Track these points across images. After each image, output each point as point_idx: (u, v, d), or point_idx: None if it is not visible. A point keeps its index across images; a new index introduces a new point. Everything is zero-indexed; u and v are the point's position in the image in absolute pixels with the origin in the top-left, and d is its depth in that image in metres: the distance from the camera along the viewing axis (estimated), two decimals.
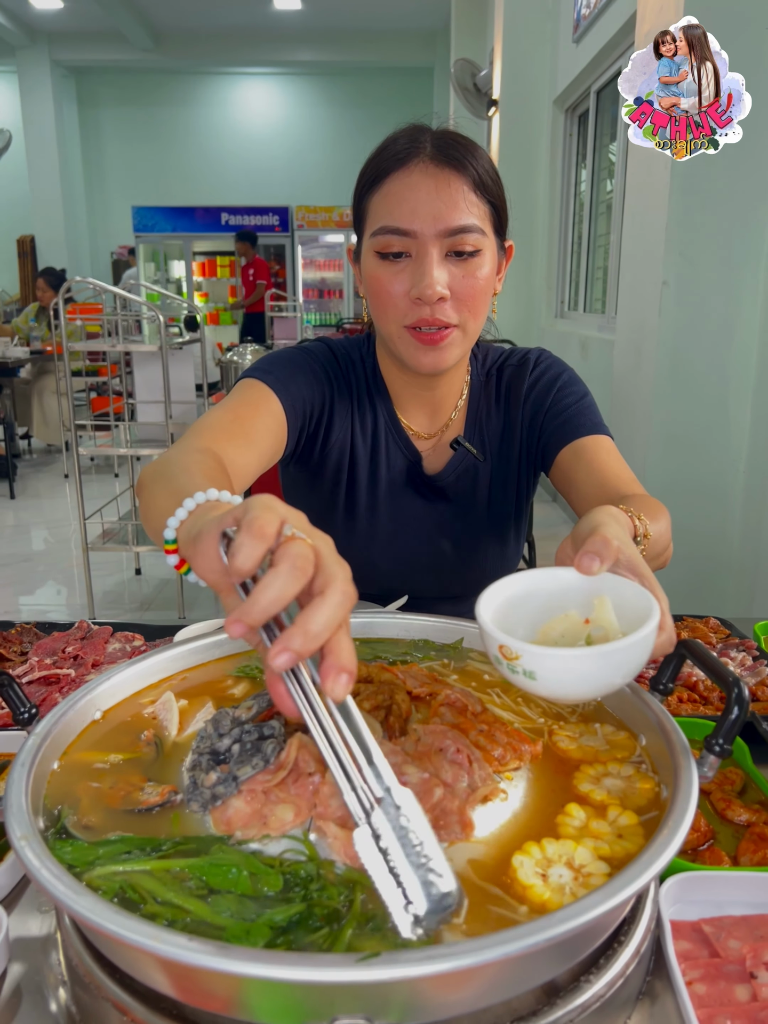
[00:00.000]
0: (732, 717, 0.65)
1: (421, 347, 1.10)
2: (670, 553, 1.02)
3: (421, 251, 1.06)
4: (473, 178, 1.08)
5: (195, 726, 0.76)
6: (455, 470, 1.28)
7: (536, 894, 0.55)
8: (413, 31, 10.83)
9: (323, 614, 0.50)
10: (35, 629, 1.24)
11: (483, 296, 1.11)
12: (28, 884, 0.74)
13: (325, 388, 1.22)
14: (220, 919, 0.53)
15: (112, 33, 10.75)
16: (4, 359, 6.29)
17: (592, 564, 0.66)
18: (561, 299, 6.09)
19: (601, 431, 1.20)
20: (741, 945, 0.64)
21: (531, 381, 1.27)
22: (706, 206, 2.65)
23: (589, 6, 4.69)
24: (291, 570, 0.51)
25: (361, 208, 1.14)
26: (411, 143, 1.09)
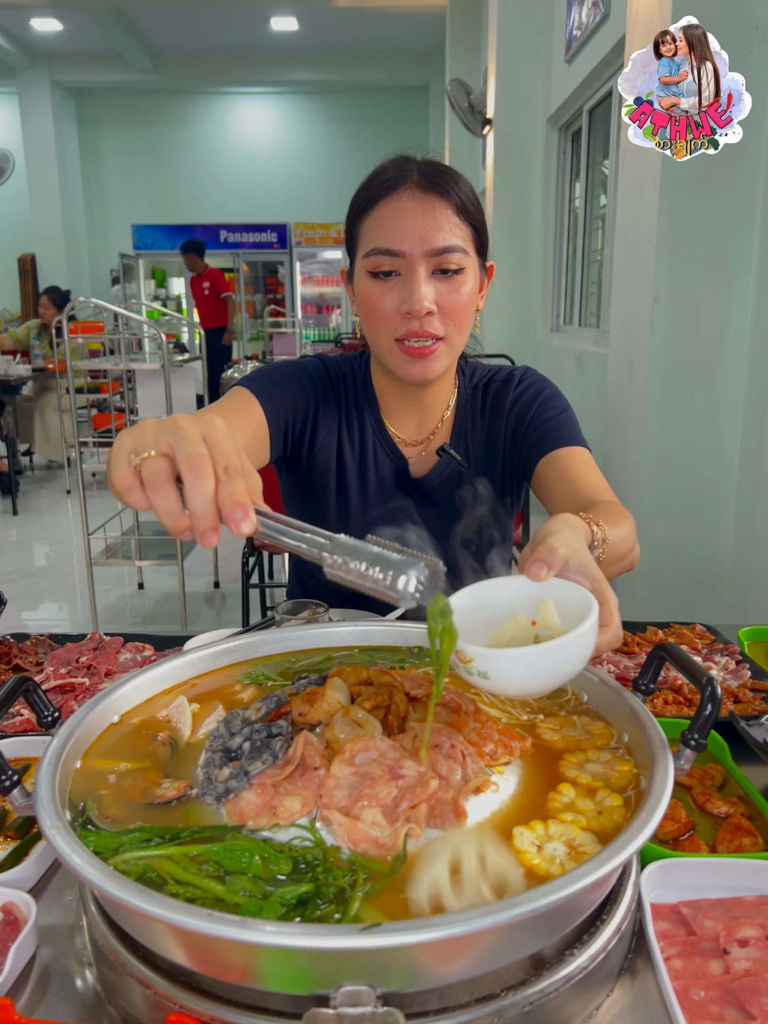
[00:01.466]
0: (706, 713, 0.71)
1: (410, 359, 1.20)
2: (635, 556, 1.10)
3: (410, 270, 1.16)
4: (456, 203, 1.17)
5: (207, 727, 0.82)
6: (440, 475, 1.36)
7: (527, 859, 0.61)
8: (408, 51, 10.99)
9: (193, 496, 0.60)
10: (49, 641, 1.30)
11: (467, 311, 1.20)
12: (52, 876, 0.79)
13: (310, 396, 1.32)
14: (235, 897, 0.58)
15: (111, 55, 10.91)
16: (6, 377, 6.36)
17: (539, 571, 0.72)
18: (556, 313, 6.17)
19: (578, 443, 1.28)
20: (716, 924, 0.69)
21: (515, 395, 1.36)
22: (695, 224, 2.72)
23: (580, 27, 4.79)
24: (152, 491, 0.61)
25: (353, 232, 1.24)
26: (398, 172, 1.18)
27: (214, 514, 0.60)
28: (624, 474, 3.11)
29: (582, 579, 0.75)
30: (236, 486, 0.60)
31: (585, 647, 0.69)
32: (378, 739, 0.71)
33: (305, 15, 9.80)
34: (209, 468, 0.60)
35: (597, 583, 0.75)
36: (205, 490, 0.59)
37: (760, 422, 2.71)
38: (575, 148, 5.66)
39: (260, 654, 0.98)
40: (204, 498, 0.59)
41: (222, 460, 0.62)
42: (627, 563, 1.09)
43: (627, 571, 1.12)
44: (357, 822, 0.64)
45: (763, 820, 0.84)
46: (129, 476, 0.62)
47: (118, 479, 0.62)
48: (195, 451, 0.61)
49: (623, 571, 1.10)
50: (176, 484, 0.61)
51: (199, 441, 0.62)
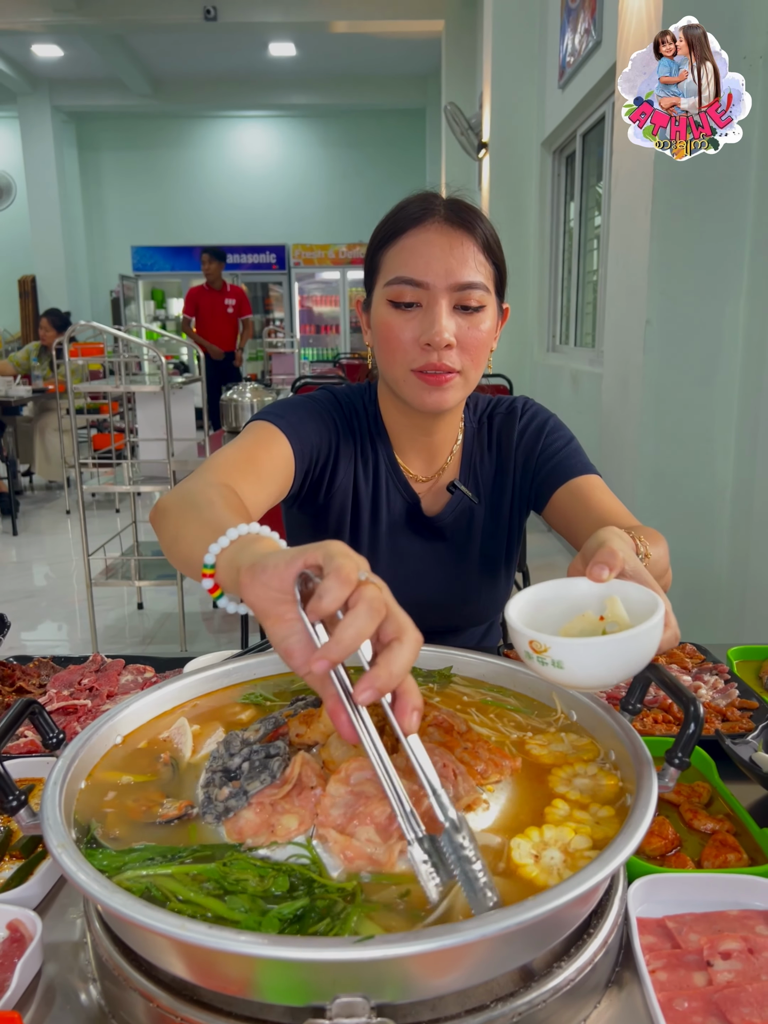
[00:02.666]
0: (689, 732, 0.74)
1: (426, 388, 1.19)
2: (670, 578, 1.13)
3: (432, 301, 1.16)
4: (482, 240, 1.18)
5: (207, 748, 0.84)
6: (452, 512, 1.36)
7: (527, 873, 0.64)
8: (404, 75, 11.15)
9: (403, 657, 0.59)
10: (52, 663, 1.32)
11: (484, 348, 1.21)
12: (56, 894, 0.82)
13: (331, 435, 1.30)
14: (235, 914, 0.60)
15: (111, 80, 11.06)
16: (7, 398, 6.40)
17: (602, 572, 0.76)
18: (552, 333, 6.23)
19: (591, 471, 1.31)
20: (700, 937, 0.71)
21: (520, 428, 1.37)
22: (686, 248, 2.77)
23: (573, 54, 4.87)
24: (369, 612, 0.58)
25: (374, 262, 1.23)
26: (426, 205, 1.19)
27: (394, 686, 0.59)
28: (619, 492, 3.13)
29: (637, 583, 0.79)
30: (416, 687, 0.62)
31: (654, 639, 0.73)
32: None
33: (303, 41, 9.95)
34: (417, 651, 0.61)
35: (652, 586, 0.79)
36: (408, 663, 0.59)
37: (753, 440, 2.75)
38: (569, 171, 5.75)
39: (259, 675, 1.00)
40: (404, 670, 0.59)
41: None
42: (663, 584, 1.11)
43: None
44: (352, 839, 0.66)
45: (748, 836, 0.87)
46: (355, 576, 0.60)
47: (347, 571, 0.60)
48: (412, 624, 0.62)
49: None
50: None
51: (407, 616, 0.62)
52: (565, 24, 5.06)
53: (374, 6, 8.68)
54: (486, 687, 0.95)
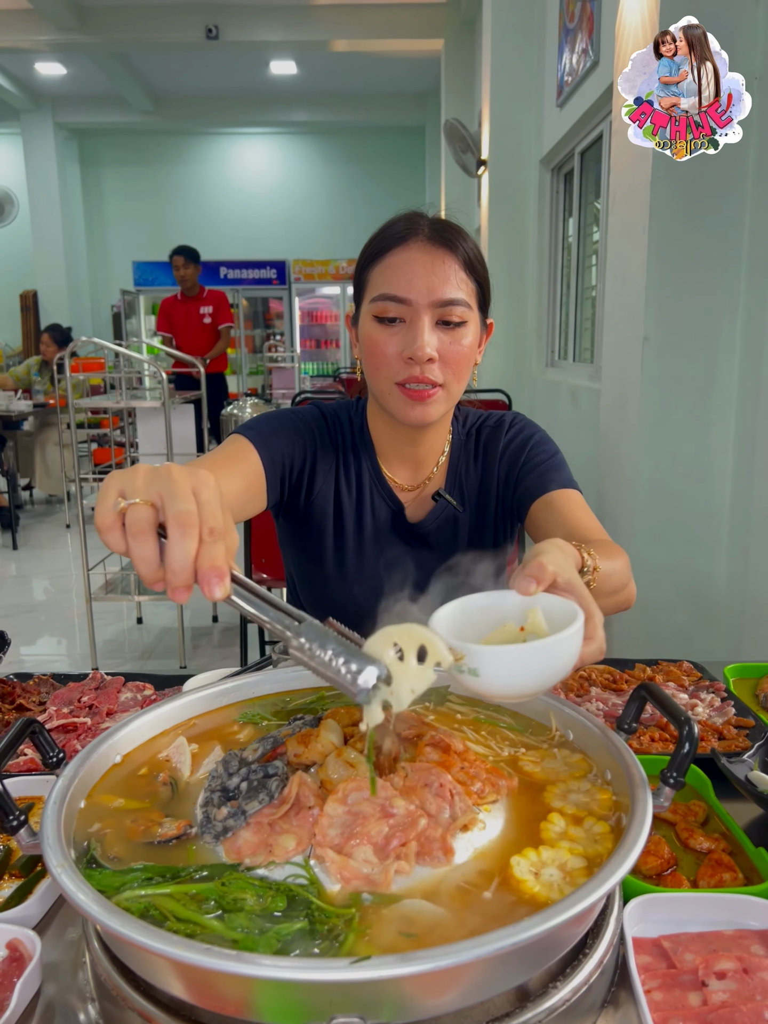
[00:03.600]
0: (683, 751, 0.75)
1: (409, 402, 1.24)
2: (631, 594, 1.14)
3: (415, 317, 1.20)
4: (464, 258, 1.22)
5: (205, 767, 0.85)
6: (436, 519, 1.40)
7: (528, 888, 0.65)
8: (404, 93, 11.23)
9: (173, 553, 0.61)
10: (52, 680, 1.33)
11: (466, 362, 1.25)
12: (55, 914, 0.82)
13: (307, 444, 1.35)
14: (233, 934, 0.61)
15: (114, 97, 11.15)
16: (8, 412, 6.42)
17: (528, 585, 0.76)
18: (551, 348, 6.25)
19: (570, 486, 1.32)
20: (695, 957, 0.72)
21: (506, 441, 1.40)
22: (683, 267, 2.79)
23: (571, 73, 4.92)
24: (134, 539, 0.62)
25: (362, 279, 1.29)
26: (410, 224, 1.24)
27: (191, 573, 0.61)
28: (617, 508, 3.16)
29: (570, 596, 0.79)
30: (217, 550, 0.62)
31: (570, 650, 0.73)
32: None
33: (304, 59, 10.04)
34: (195, 527, 0.62)
35: (584, 600, 0.79)
36: (188, 549, 0.61)
37: (750, 458, 2.76)
38: (568, 188, 5.79)
39: (257, 694, 1.01)
40: (185, 557, 0.61)
41: (209, 521, 0.63)
42: (622, 599, 1.12)
43: (623, 609, 1.15)
44: (349, 859, 0.67)
45: (744, 856, 0.87)
46: (112, 516, 0.63)
47: (101, 518, 0.63)
48: (184, 508, 0.62)
49: (619, 608, 1.14)
50: (157, 535, 0.63)
51: (190, 497, 0.63)
52: (563, 44, 5.11)
53: (374, 25, 8.76)
54: (481, 706, 0.96)
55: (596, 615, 0.79)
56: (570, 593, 0.79)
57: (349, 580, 1.40)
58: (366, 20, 8.73)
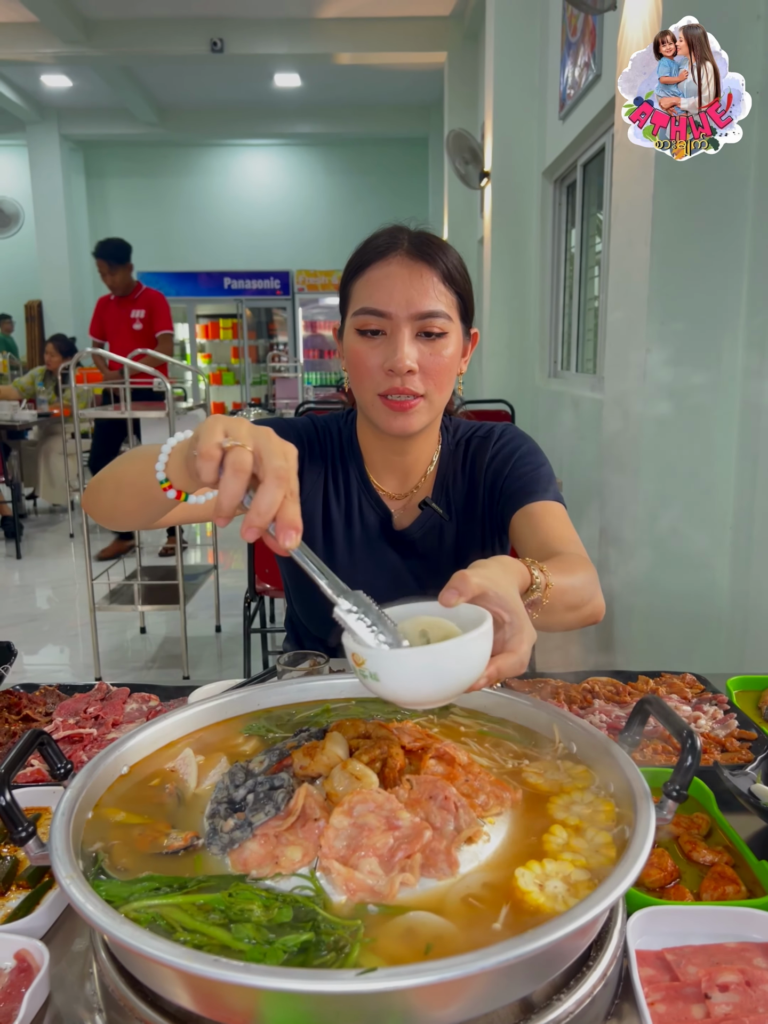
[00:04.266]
0: (686, 764, 0.75)
1: (392, 413, 1.26)
2: (596, 608, 1.14)
3: (395, 330, 1.23)
4: (443, 271, 1.25)
5: (211, 779, 0.85)
6: (422, 527, 1.42)
7: (533, 899, 0.65)
8: (407, 105, 11.30)
9: (265, 497, 0.70)
10: (57, 691, 1.33)
11: (447, 372, 1.27)
12: (62, 925, 0.82)
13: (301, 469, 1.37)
14: (240, 944, 0.62)
15: (119, 109, 11.23)
16: (12, 423, 6.45)
17: (451, 597, 0.78)
18: (554, 359, 6.27)
19: (551, 498, 1.33)
20: (698, 970, 0.72)
21: (493, 451, 1.42)
22: (685, 279, 2.80)
23: (574, 86, 4.96)
24: (233, 474, 0.72)
25: (346, 292, 1.31)
26: (391, 239, 1.26)
27: (270, 519, 0.71)
28: (620, 518, 3.17)
29: (501, 611, 0.80)
30: (295, 508, 0.72)
31: (471, 654, 0.74)
32: (375, 791, 0.74)
33: (308, 72, 10.11)
34: (286, 484, 0.72)
35: (515, 616, 0.80)
36: (276, 499, 0.71)
37: (752, 469, 2.77)
38: (570, 199, 5.82)
39: (263, 705, 1.02)
40: (273, 504, 0.70)
41: (293, 483, 0.73)
42: (585, 613, 1.13)
43: (590, 623, 1.16)
44: (355, 871, 0.67)
45: (747, 868, 0.88)
46: (216, 449, 0.73)
47: (206, 447, 0.72)
48: (282, 464, 0.72)
49: (584, 622, 1.15)
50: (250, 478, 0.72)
51: (285, 458, 0.73)
52: (565, 57, 5.15)
53: (378, 39, 8.83)
54: (485, 718, 0.97)
55: (525, 631, 0.80)
56: (500, 607, 0.80)
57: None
58: (370, 33, 8.80)
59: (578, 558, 1.14)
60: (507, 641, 0.80)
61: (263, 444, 0.73)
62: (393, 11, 8.57)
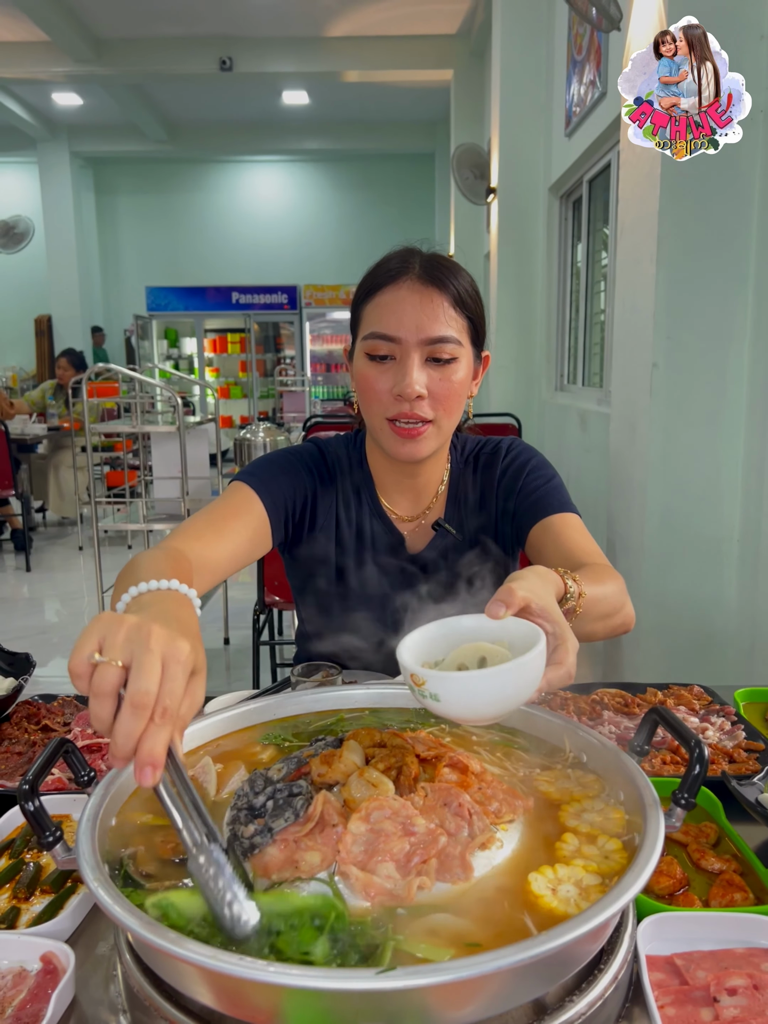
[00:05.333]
0: (694, 773, 0.77)
1: (400, 439, 1.27)
2: (626, 617, 1.16)
3: (404, 355, 1.24)
4: (453, 296, 1.25)
5: (231, 787, 0.87)
6: (436, 549, 1.43)
7: (546, 903, 0.68)
8: (414, 121, 11.40)
9: (119, 729, 0.62)
10: (75, 701, 1.36)
11: (456, 397, 1.28)
12: (85, 928, 0.85)
13: (307, 483, 1.39)
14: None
15: (128, 126, 11.35)
16: (23, 436, 6.51)
17: (498, 610, 0.79)
18: (560, 373, 6.31)
19: (568, 509, 1.34)
20: (707, 975, 0.74)
21: (503, 467, 1.43)
22: (690, 295, 2.83)
23: (579, 104, 5.01)
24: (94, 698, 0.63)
25: (357, 314, 1.32)
26: (402, 263, 1.27)
27: (131, 750, 0.62)
28: (627, 532, 3.18)
29: (544, 622, 0.81)
30: (160, 736, 0.62)
31: (529, 674, 0.75)
32: (391, 798, 0.77)
33: (315, 89, 10.22)
34: (147, 709, 0.62)
35: (558, 627, 0.81)
36: (132, 729, 0.62)
37: (759, 482, 2.79)
38: (576, 215, 5.87)
39: (279, 715, 1.04)
40: (128, 736, 0.62)
41: (165, 700, 0.63)
42: (617, 622, 1.14)
43: (622, 632, 1.17)
44: (373, 876, 0.69)
45: (755, 876, 0.89)
46: (85, 666, 0.64)
47: (74, 665, 0.64)
48: (144, 687, 0.63)
49: (615, 631, 1.16)
50: (118, 697, 0.64)
51: (155, 674, 0.63)
52: (571, 75, 5.20)
53: (385, 57, 8.93)
54: (496, 728, 0.99)
55: (569, 641, 0.81)
56: (544, 619, 0.81)
57: (351, 610, 1.43)
58: (377, 52, 8.90)
59: (606, 568, 1.15)
60: (553, 653, 0.81)
61: (136, 655, 0.64)
62: (400, 29, 8.67)
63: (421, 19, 8.39)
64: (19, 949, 0.78)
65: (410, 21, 8.44)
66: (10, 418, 6.73)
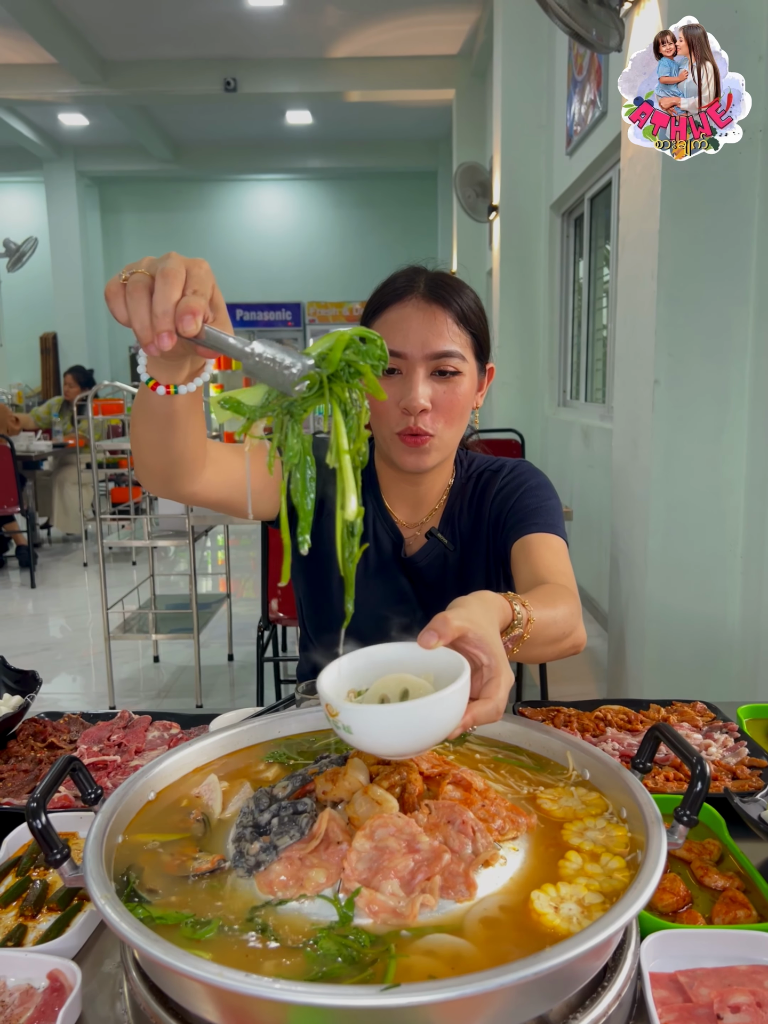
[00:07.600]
0: (696, 790, 0.78)
1: (407, 449, 1.31)
2: (576, 640, 1.14)
3: (410, 370, 1.28)
4: (457, 312, 1.30)
5: (235, 804, 0.88)
6: (427, 556, 1.46)
7: (549, 921, 0.68)
8: (417, 140, 11.52)
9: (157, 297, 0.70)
10: (81, 719, 1.37)
11: (459, 409, 1.32)
12: (91, 946, 0.85)
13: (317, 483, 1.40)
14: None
15: (134, 146, 11.49)
16: (28, 452, 6.54)
17: (430, 639, 0.78)
18: (563, 388, 6.33)
19: (552, 531, 1.34)
20: (710, 992, 0.74)
21: (500, 485, 1.45)
22: (691, 311, 2.85)
23: (580, 123, 5.06)
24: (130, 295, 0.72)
25: None
26: (408, 282, 1.32)
27: (171, 318, 0.69)
28: (630, 547, 3.19)
29: (479, 653, 0.81)
30: (197, 300, 0.70)
31: (446, 711, 0.73)
32: (395, 816, 0.77)
33: (319, 109, 10.34)
34: (178, 281, 0.70)
35: (494, 659, 0.81)
36: (168, 296, 0.69)
37: (761, 498, 2.80)
38: (578, 232, 5.91)
39: (283, 733, 1.05)
40: (165, 301, 0.69)
41: (195, 284, 0.71)
42: (566, 646, 1.12)
43: (569, 654, 1.15)
44: (377, 893, 0.70)
45: (758, 893, 0.90)
46: (117, 285, 0.73)
47: (109, 288, 0.73)
48: (170, 266, 0.71)
49: (564, 654, 1.14)
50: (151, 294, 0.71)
51: (179, 265, 0.72)
52: (572, 94, 5.26)
53: (387, 77, 9.03)
54: (500, 746, 0.99)
55: (503, 675, 0.80)
56: (480, 650, 0.81)
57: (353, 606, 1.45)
58: (380, 72, 9.00)
59: (563, 589, 1.14)
60: (484, 687, 0.80)
61: (160, 262, 0.73)
62: (402, 50, 8.77)
63: (423, 40, 8.50)
64: (26, 967, 0.78)
65: (412, 42, 8.55)
66: (15, 434, 6.77)
